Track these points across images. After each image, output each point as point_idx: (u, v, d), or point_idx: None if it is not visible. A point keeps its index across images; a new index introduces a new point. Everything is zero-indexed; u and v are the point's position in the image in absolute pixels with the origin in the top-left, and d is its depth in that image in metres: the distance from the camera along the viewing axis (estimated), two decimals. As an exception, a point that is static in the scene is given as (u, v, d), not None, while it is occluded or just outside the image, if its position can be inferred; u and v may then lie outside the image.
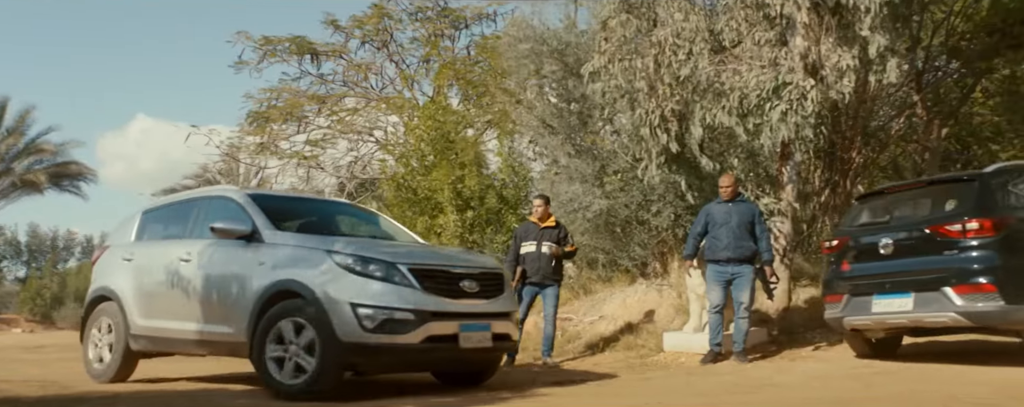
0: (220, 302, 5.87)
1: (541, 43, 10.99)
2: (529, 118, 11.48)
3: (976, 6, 12.40)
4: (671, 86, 7.93)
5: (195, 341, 6.09)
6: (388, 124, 18.29)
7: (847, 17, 7.54)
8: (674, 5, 7.98)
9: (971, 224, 6.00)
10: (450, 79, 17.10)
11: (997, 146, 15.78)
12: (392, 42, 18.14)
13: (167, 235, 6.86)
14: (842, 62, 7.39)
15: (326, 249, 5.51)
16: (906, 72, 10.09)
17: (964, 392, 4.99)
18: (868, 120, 11.25)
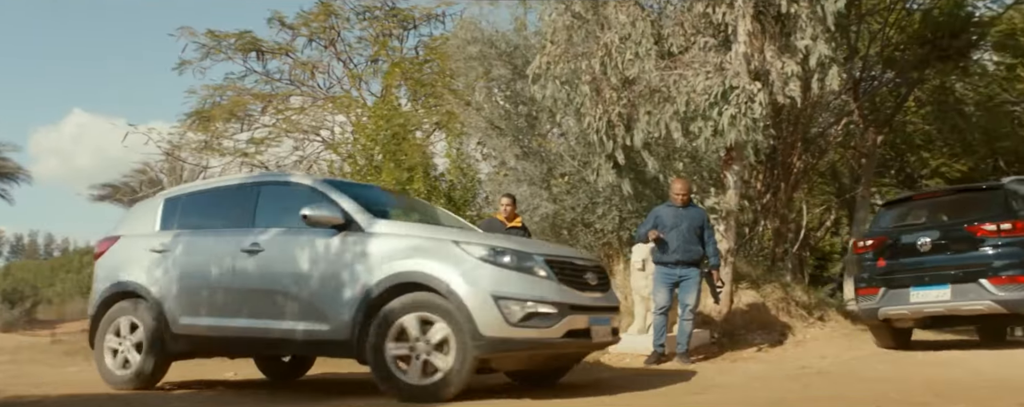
0: (310, 297, 5.33)
1: (490, 45, 11.00)
2: (477, 120, 11.48)
3: (909, 19, 12.87)
4: (617, 90, 8.02)
5: (269, 340, 5.51)
6: (335, 123, 18.09)
7: (789, 26, 7.75)
8: (621, 9, 8.07)
9: (1005, 224, 6.93)
10: (399, 79, 16.99)
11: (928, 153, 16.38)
12: (339, 41, 17.94)
13: (213, 224, 6.12)
14: (787, 68, 7.59)
15: (452, 239, 5.19)
16: (845, 80, 10.42)
17: (897, 390, 5.16)
18: (809, 126, 11.58)
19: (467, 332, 4.81)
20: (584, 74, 8.00)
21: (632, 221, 9.54)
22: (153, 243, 6.15)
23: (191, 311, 5.79)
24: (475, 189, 12.33)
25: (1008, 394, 4.88)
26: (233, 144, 17.86)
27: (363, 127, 13.19)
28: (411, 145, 12.58)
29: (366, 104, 16.69)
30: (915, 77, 12.67)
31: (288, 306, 5.40)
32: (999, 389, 5.10)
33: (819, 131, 12.57)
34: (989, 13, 13.56)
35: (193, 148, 18.33)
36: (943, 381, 5.53)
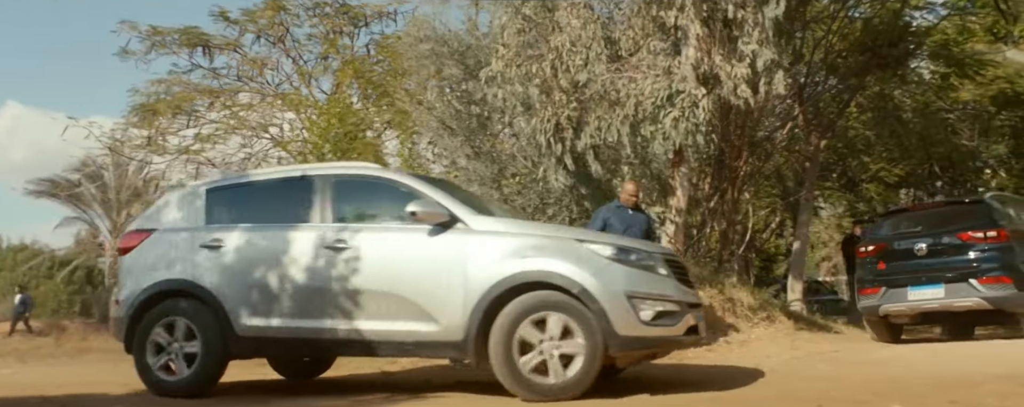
0: (415, 297, 5.10)
1: (442, 44, 10.98)
2: (429, 119, 11.45)
3: (851, 27, 13.24)
4: (567, 92, 8.08)
5: (360, 342, 5.28)
6: (284, 121, 17.84)
7: (736, 31, 7.91)
8: (572, 12, 8.14)
9: (991, 232, 8.07)
10: (350, 77, 16.83)
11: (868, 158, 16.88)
12: (289, 37, 17.70)
13: (274, 218, 5.74)
14: (736, 71, 7.75)
15: (576, 238, 5.20)
16: (790, 85, 10.67)
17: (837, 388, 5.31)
18: (755, 130, 11.81)
19: (601, 331, 4.80)
20: (535, 77, 8.04)
21: (582, 222, 9.62)
22: (203, 238, 5.66)
23: (261, 311, 5.42)
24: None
25: (940, 391, 5.05)
26: (179, 140, 17.50)
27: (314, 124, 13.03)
28: (363, 144, 12.49)
29: (316, 102, 16.50)
30: (856, 83, 13.04)
31: (386, 306, 5.18)
32: (932, 386, 5.28)
33: (765, 135, 12.83)
34: (925, 24, 14.04)
35: (137, 144, 17.91)
36: (881, 379, 5.70)
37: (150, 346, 5.50)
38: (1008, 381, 5.22)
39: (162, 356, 5.49)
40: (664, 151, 8.26)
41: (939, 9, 14.51)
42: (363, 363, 8.56)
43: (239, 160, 17.63)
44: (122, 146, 18.32)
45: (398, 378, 6.99)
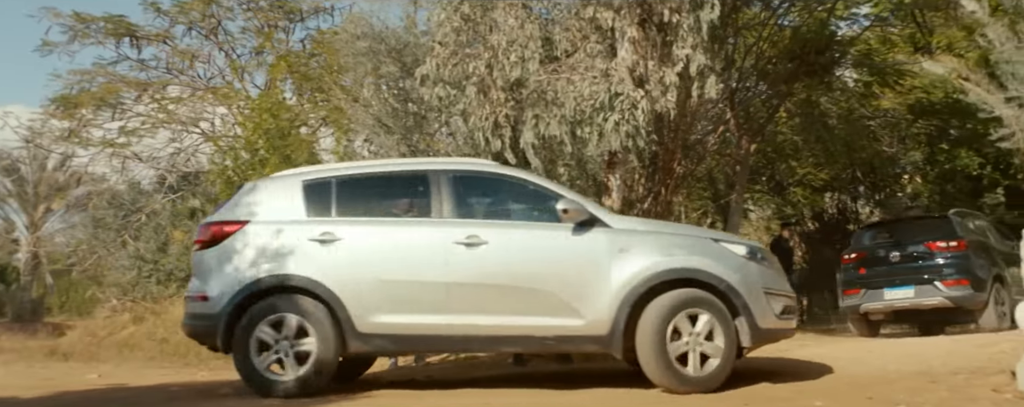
0: (560, 293, 5.21)
1: (380, 41, 10.86)
2: (365, 117, 11.31)
3: (781, 34, 13.63)
4: (504, 92, 8.10)
5: (500, 337, 5.36)
6: (216, 115, 17.40)
7: (671, 35, 8.05)
8: (510, 12, 8.16)
9: (952, 242, 9.83)
10: (284, 73, 16.52)
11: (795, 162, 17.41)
12: (221, 30, 17.27)
13: (385, 213, 5.73)
14: (667, 77, 7.88)
15: (712, 238, 5.64)
16: (722, 90, 10.92)
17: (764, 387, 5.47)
18: (688, 133, 12.03)
19: (745, 325, 5.21)
20: (472, 76, 8.03)
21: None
22: (310, 232, 5.45)
23: (387, 308, 5.30)
24: (362, 187, 12.16)
25: (859, 388, 5.27)
26: (103, 133, 16.89)
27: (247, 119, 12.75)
28: (298, 140, 12.28)
29: (249, 96, 16.16)
30: (785, 90, 13.41)
31: (528, 302, 5.24)
32: (853, 384, 5.49)
33: (698, 138, 13.08)
34: (849, 34, 14.56)
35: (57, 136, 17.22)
36: (806, 378, 5.89)
37: (255, 345, 5.27)
38: (920, 377, 5.47)
39: (269, 355, 5.29)
40: (601, 152, 8.35)
41: (862, 20, 15.07)
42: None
43: (168, 155, 17.16)
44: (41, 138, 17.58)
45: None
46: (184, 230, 14.04)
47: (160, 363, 9.76)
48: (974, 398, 4.66)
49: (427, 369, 7.63)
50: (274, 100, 13.07)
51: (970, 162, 15.68)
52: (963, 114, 14.01)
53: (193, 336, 5.68)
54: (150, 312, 12.09)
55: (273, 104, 12.43)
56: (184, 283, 13.17)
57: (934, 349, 6.87)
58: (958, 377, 5.40)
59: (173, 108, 17.21)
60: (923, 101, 15.90)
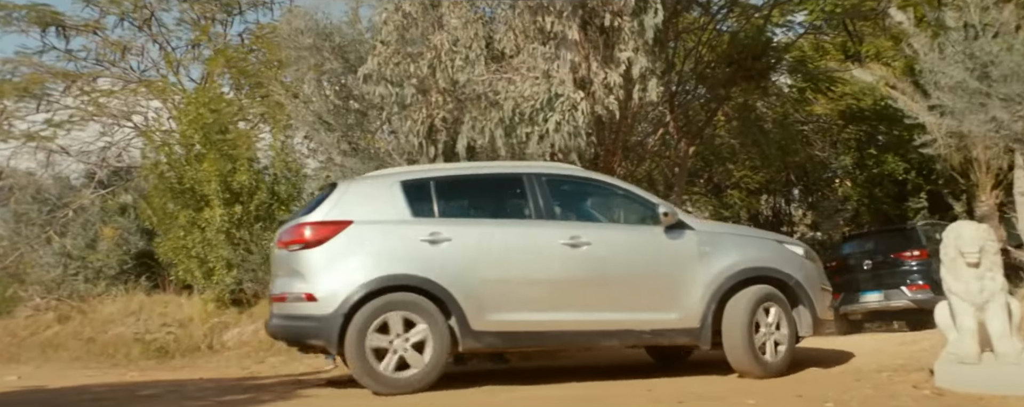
0: (658, 289, 5.67)
1: (324, 37, 10.70)
2: (306, 113, 11.13)
3: (719, 39, 13.92)
4: (445, 92, 8.08)
5: (604, 332, 5.67)
6: (149, 109, 16.88)
7: (614, 38, 8.15)
8: (454, 11, 8.14)
9: (916, 252, 11.00)
10: (222, 67, 16.14)
11: (732, 165, 17.79)
12: (155, 22, 16.78)
13: (482, 214, 5.93)
14: (609, 79, 7.97)
15: (775, 239, 6.34)
16: (662, 93, 11.09)
17: (697, 386, 5.57)
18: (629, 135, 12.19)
19: (807, 316, 5.91)
20: (412, 77, 7.99)
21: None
22: (419, 232, 5.46)
23: (500, 306, 5.41)
24: (301, 184, 11.97)
25: (791, 386, 5.42)
26: (28, 125, 16.23)
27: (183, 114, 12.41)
28: (237, 135, 12.01)
29: (185, 90, 15.74)
30: (723, 94, 13.70)
31: (630, 298, 5.61)
32: (784, 382, 5.64)
33: (638, 140, 13.26)
34: (785, 40, 14.97)
35: (-26, 127, 16.47)
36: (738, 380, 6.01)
37: (370, 345, 5.24)
38: (847, 375, 5.67)
39: (388, 354, 5.27)
40: (541, 153, 8.39)
41: (797, 27, 15.51)
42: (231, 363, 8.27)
43: (99, 149, 16.59)
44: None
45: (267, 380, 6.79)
46: (115, 226, 13.60)
47: (85, 364, 9.44)
48: (895, 395, 4.84)
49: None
50: (212, 94, 12.74)
51: (896, 167, 16.26)
52: (890, 120, 14.53)
53: (290, 336, 5.58)
54: (77, 311, 11.68)
55: (210, 98, 12.12)
56: (114, 281, 12.82)
57: (860, 348, 7.10)
58: (882, 375, 5.61)
59: (104, 101, 16.64)
60: (853, 107, 16.45)
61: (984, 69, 7.28)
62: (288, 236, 5.58)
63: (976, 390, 4.69)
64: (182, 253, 10.91)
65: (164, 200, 11.22)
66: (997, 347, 4.83)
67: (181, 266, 11.04)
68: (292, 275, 5.49)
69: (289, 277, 5.51)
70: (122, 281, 12.69)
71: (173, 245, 11.04)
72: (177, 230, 10.94)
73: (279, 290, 5.58)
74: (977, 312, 4.87)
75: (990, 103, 7.25)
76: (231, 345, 9.80)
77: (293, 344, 5.77)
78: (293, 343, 5.71)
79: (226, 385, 6.38)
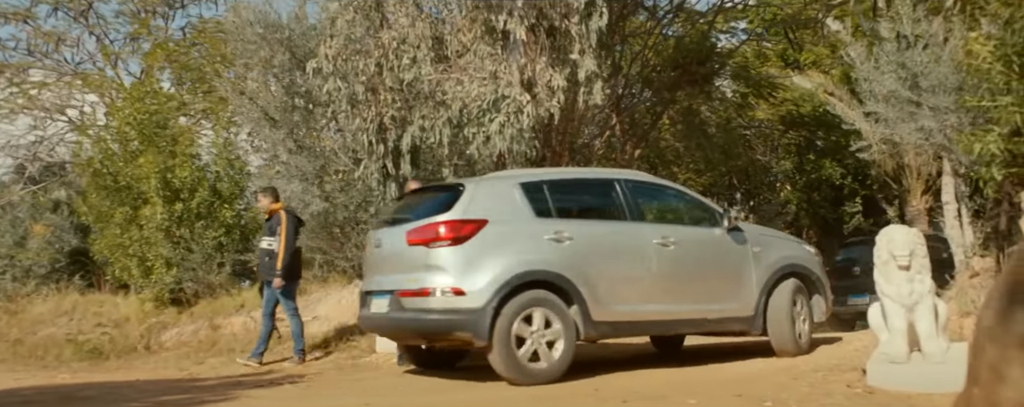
0: (724, 283, 6.40)
1: (273, 30, 10.53)
2: (251, 109, 10.94)
3: (665, 44, 14.13)
4: (393, 91, 8.03)
5: (686, 321, 6.33)
6: (85, 103, 16.37)
7: (561, 40, 8.20)
8: (401, 10, 8.10)
9: None
10: (162, 61, 15.74)
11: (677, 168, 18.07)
12: (92, 13, 16.27)
13: (588, 215, 6.44)
14: (554, 81, 8.00)
15: (795, 240, 7.57)
16: (608, 96, 11.21)
17: (642, 385, 5.65)
18: (575, 137, 12.29)
19: (821, 305, 6.91)
20: (361, 74, 7.92)
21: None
22: (544, 230, 5.86)
23: (613, 299, 5.90)
24: (243, 182, 11.76)
25: (730, 386, 5.53)
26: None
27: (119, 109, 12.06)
28: (177, 131, 11.73)
29: (122, 85, 15.30)
30: (668, 97, 13.91)
31: (706, 292, 6.33)
32: (724, 382, 5.76)
33: (585, 143, 13.39)
34: (729, 46, 15.30)
35: None
36: (680, 376, 6.12)
37: (514, 336, 5.53)
38: (784, 374, 5.80)
39: (525, 346, 5.57)
40: (488, 154, 8.40)
41: (740, 34, 15.85)
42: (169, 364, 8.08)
43: (29, 143, 16.03)
44: None
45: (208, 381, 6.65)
46: (46, 224, 13.15)
47: (12, 366, 9.09)
48: (830, 393, 4.99)
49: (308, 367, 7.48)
50: (150, 89, 12.41)
51: (833, 172, 16.73)
52: (828, 127, 14.96)
53: (429, 329, 5.77)
54: (3, 311, 11.25)
55: (149, 93, 11.80)
56: (45, 280, 12.40)
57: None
58: (818, 374, 5.77)
59: (35, 93, 16.08)
60: (793, 113, 16.88)
61: (915, 79, 7.55)
62: (427, 234, 5.75)
63: (905, 388, 4.86)
64: (119, 251, 10.63)
65: (100, 197, 10.90)
66: (924, 347, 5.02)
67: (118, 264, 10.74)
68: (429, 270, 5.66)
69: (425, 272, 5.67)
70: (54, 280, 12.30)
71: (110, 243, 10.74)
72: (114, 228, 10.64)
73: (416, 285, 5.68)
74: (907, 313, 5.05)
75: (920, 112, 7.53)
76: (169, 346, 9.57)
77: (427, 337, 5.96)
78: (428, 336, 5.91)
79: (164, 386, 6.24)
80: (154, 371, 7.42)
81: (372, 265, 6.37)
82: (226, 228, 10.80)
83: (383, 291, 5.96)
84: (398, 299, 5.77)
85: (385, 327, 6.15)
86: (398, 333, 6.16)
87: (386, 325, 6.08)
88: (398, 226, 6.13)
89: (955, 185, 8.01)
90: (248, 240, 11.02)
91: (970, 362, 1.20)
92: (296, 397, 5.37)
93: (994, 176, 6.61)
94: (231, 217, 10.93)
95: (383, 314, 5.92)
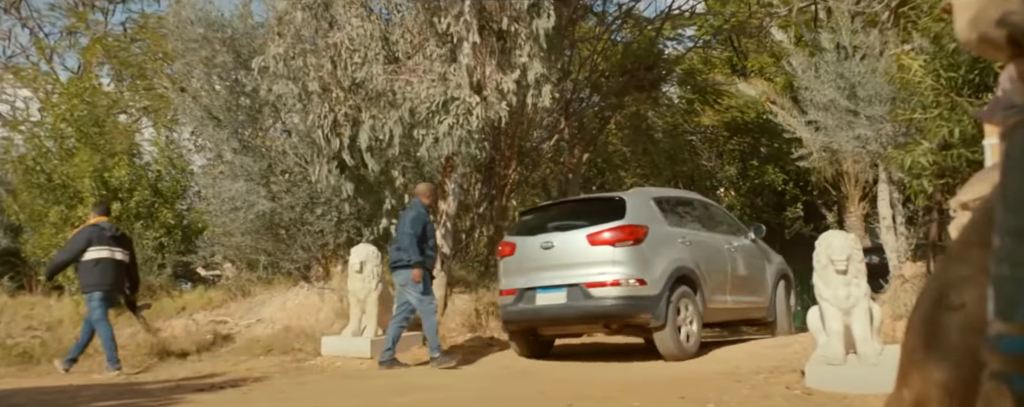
0: (756, 280, 8.12)
1: (216, 29, 10.30)
2: (194, 108, 10.69)
3: (614, 49, 14.29)
4: (345, 91, 7.95)
5: (738, 308, 7.90)
6: (17, 98, 15.80)
7: (510, 43, 8.22)
8: (351, 10, 8.03)
9: None
10: (100, 57, 15.29)
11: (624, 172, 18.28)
12: (25, 5, 15.73)
13: (697, 226, 7.87)
14: (504, 84, 8.02)
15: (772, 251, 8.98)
16: (557, 99, 11.28)
17: (588, 387, 5.69)
18: (524, 140, 12.35)
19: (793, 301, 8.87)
20: (311, 72, 7.82)
21: (351, 222, 9.48)
22: (677, 235, 7.35)
23: (714, 290, 7.45)
24: (186, 182, 11.50)
25: (674, 387, 5.62)
26: None
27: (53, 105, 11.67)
28: (116, 129, 11.41)
29: (58, 80, 14.82)
30: (616, 102, 14.08)
31: (749, 286, 7.99)
32: (668, 383, 5.85)
33: (533, 146, 13.45)
34: (675, 53, 15.54)
35: None
36: (624, 380, 6.20)
37: (672, 319, 6.84)
38: (726, 377, 5.91)
39: (679, 329, 6.95)
40: (437, 155, 8.38)
41: (687, 41, 16.11)
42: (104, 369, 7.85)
43: (-44, 139, 15.38)
44: None
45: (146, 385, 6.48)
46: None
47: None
48: (770, 395, 5.11)
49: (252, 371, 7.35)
50: (87, 85, 12.04)
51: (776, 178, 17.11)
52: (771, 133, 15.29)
53: (619, 312, 6.89)
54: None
55: (85, 89, 11.45)
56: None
57: (739, 351, 7.44)
58: (759, 376, 5.89)
59: (-35, 87, 15.47)
60: (738, 120, 17.21)
61: (852, 89, 7.79)
62: (615, 235, 6.97)
63: (841, 389, 5.00)
64: (53, 252, 10.27)
65: (33, 196, 10.53)
66: (860, 349, 5.18)
67: (51, 266, 10.38)
68: (615, 265, 6.88)
69: (612, 266, 6.87)
70: (-19, 282, 11.82)
71: (43, 243, 10.38)
72: (48, 227, 10.29)
73: (605, 277, 6.84)
74: (844, 316, 5.20)
75: (857, 121, 7.76)
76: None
77: (611, 320, 7.05)
78: (613, 319, 7.01)
79: (99, 391, 6.05)
80: (88, 376, 7.19)
81: (536, 265, 7.18)
82: (167, 229, 10.55)
83: (558, 285, 6.99)
84: (584, 289, 6.85)
85: (561, 316, 7.03)
86: (580, 319, 7.09)
87: (564, 313, 6.99)
88: (568, 231, 7.20)
89: (890, 192, 8.29)
90: (191, 241, 10.78)
91: (900, 364, 1.24)
92: (237, 401, 5.27)
93: (924, 188, 6.86)
94: (173, 217, 10.68)
95: (560, 304, 6.94)
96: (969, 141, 6.51)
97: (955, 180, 6.90)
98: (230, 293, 9.92)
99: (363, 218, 9.48)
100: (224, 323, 9.17)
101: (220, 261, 11.37)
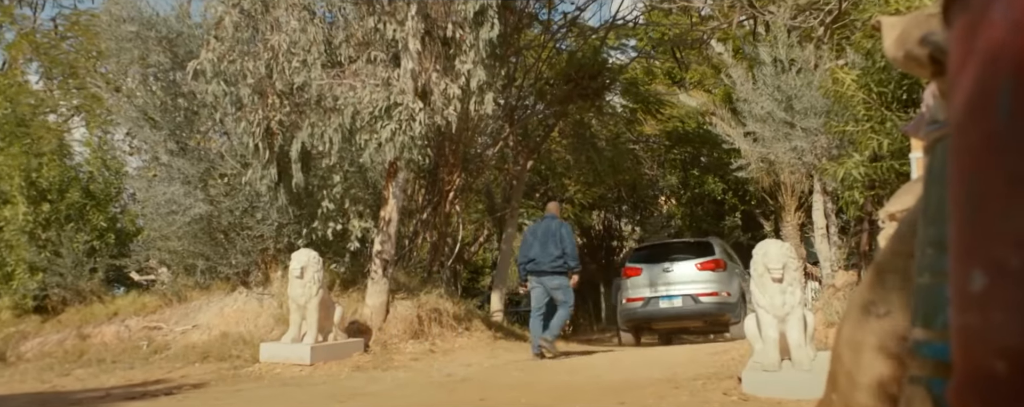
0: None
1: (149, 27, 10.03)
2: (128, 108, 10.38)
3: (559, 57, 14.42)
4: (282, 95, 7.83)
5: None
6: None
7: (453, 49, 8.22)
8: (292, 13, 7.92)
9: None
10: (28, 53, 14.75)
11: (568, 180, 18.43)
12: (-49, -3, 15.08)
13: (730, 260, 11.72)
14: (449, 90, 8.01)
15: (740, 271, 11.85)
16: (502, 106, 11.32)
17: (528, 394, 5.71)
18: (468, 147, 12.34)
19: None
20: (248, 76, 7.68)
21: (291, 227, 9.33)
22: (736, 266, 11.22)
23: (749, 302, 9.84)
24: (120, 184, 11.15)
25: (613, 394, 5.67)
26: None
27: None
28: (45, 128, 11.00)
29: (-16, 76, 14.22)
30: (560, 110, 14.20)
31: None
32: (607, 390, 5.91)
33: (477, 152, 13.46)
34: (619, 62, 15.76)
35: None
36: (566, 386, 6.24)
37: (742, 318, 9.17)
38: (666, 383, 6.00)
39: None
40: (381, 160, 8.31)
41: (631, 51, 16.35)
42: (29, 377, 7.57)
43: None
44: None
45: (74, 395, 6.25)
46: None
47: None
48: (708, 401, 5.20)
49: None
50: (14, 82, 11.60)
51: (715, 188, 17.48)
52: (711, 144, 15.63)
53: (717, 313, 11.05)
54: None
55: (10, 86, 11.02)
56: None
57: (678, 357, 7.57)
58: (697, 382, 6.00)
59: None
60: (679, 130, 17.54)
61: (789, 102, 8.01)
62: (714, 265, 11.22)
63: (777, 395, 5.12)
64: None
65: (-46, 196, 10.08)
66: (794, 355, 5.31)
67: (-28, 270, 9.94)
68: (715, 282, 11.06)
69: (713, 284, 11.06)
70: None
71: (-36, 246, 9.93)
72: (-29, 229, 9.86)
73: (711, 289, 11.01)
74: (780, 324, 5.33)
75: (793, 133, 7.98)
76: (30, 357, 8.92)
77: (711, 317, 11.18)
78: (712, 316, 11.11)
79: (23, 400, 5.82)
80: (10, 384, 6.91)
81: (658, 280, 11.31)
82: (99, 232, 10.21)
83: (676, 295, 11.08)
84: (696, 298, 10.95)
85: (679, 314, 11.09)
86: (690, 317, 11.08)
87: (680, 313, 11.05)
88: (681, 261, 11.41)
89: (824, 203, 8.55)
90: (124, 244, 10.46)
91: (830, 369, 1.28)
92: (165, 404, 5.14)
93: (856, 199, 7.09)
94: (105, 220, 10.35)
95: (678, 307, 11.04)
96: (897, 154, 6.76)
97: (884, 191, 7.16)
98: (165, 298, 9.64)
99: (304, 222, 9.34)
100: (158, 329, 8.91)
101: (155, 265, 11.06)
